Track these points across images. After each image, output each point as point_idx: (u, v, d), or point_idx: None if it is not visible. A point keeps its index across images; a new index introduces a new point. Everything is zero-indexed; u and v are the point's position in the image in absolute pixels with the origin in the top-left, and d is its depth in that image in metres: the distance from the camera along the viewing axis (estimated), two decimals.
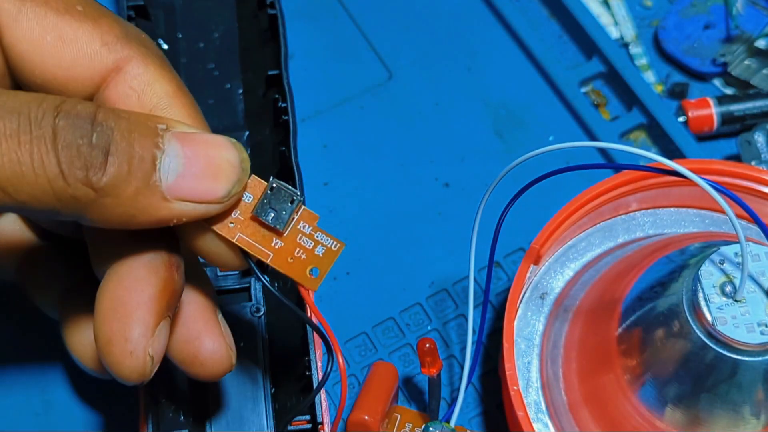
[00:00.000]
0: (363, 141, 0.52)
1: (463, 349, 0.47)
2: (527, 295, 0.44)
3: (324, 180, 0.51)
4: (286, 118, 0.48)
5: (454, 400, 0.43)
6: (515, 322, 0.43)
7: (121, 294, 0.33)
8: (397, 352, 0.48)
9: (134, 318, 0.33)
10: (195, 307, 0.37)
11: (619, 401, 0.39)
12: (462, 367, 0.46)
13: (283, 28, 0.51)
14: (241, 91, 0.52)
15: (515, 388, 0.39)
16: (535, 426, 0.40)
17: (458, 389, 0.45)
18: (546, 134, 0.52)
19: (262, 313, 0.45)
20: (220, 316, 0.38)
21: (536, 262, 0.42)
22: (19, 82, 0.34)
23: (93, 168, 0.30)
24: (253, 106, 0.51)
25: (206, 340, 0.37)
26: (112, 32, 0.34)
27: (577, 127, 0.52)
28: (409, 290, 0.49)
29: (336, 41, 0.55)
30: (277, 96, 0.49)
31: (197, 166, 0.32)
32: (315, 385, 0.42)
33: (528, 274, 0.42)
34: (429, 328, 0.48)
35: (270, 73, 0.50)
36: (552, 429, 0.41)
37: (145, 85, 0.34)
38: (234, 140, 0.33)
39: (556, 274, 0.45)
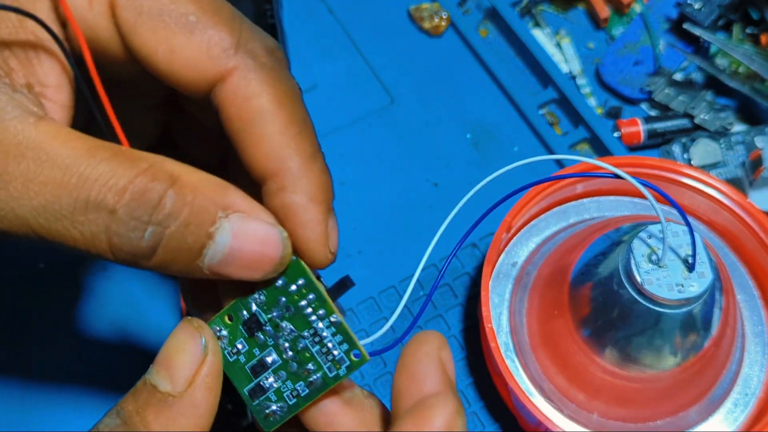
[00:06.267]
0: (371, 151, 0.52)
1: (448, 310, 0.47)
2: (500, 262, 0.44)
3: (341, 180, 0.51)
4: None
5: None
6: (490, 283, 0.43)
7: None
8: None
9: None
10: None
11: (568, 343, 0.40)
12: (449, 327, 0.46)
13: (281, 32, 0.51)
14: None
15: (489, 325, 0.40)
16: (505, 361, 0.40)
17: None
18: (512, 146, 0.53)
19: None
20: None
21: (507, 230, 0.42)
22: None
23: (140, 257, 0.27)
24: None
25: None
26: (219, 44, 0.29)
27: (536, 141, 0.53)
28: (406, 265, 0.49)
29: (350, 74, 0.55)
30: None
31: (239, 258, 0.28)
32: None
33: (501, 242, 0.42)
34: (421, 293, 0.48)
35: None
36: (518, 363, 0.42)
37: (244, 98, 0.29)
38: (284, 234, 0.29)
39: (522, 246, 0.45)
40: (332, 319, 0.30)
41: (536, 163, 0.52)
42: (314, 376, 0.30)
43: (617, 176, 0.34)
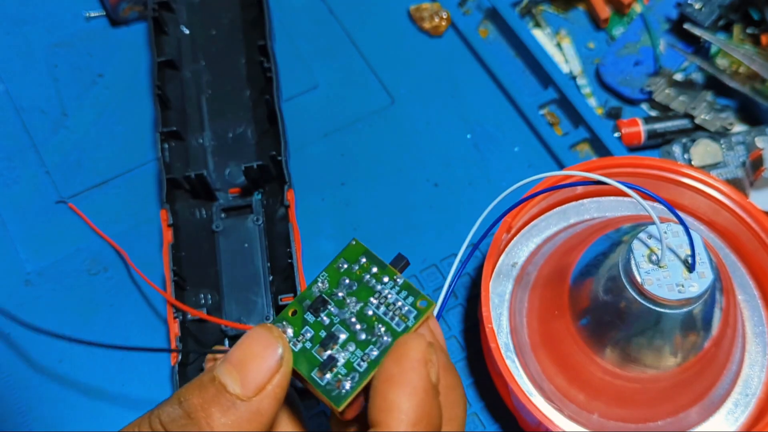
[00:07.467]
0: (371, 151, 0.53)
1: (448, 311, 0.47)
2: (501, 263, 0.44)
3: (342, 180, 0.51)
4: (270, 75, 0.50)
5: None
6: (490, 284, 0.43)
7: None
8: None
9: None
10: None
11: (568, 343, 0.40)
12: (449, 327, 0.46)
13: (268, 10, 0.52)
14: (243, 60, 0.53)
15: (489, 326, 0.40)
16: (505, 362, 0.40)
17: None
18: (512, 146, 0.53)
19: (261, 222, 0.48)
20: None
21: (507, 231, 0.42)
22: None
23: None
24: (252, 71, 0.52)
25: None
26: None
27: (537, 141, 0.53)
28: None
29: (351, 74, 0.55)
30: (262, 59, 0.51)
31: None
32: (296, 270, 0.45)
33: (501, 243, 0.42)
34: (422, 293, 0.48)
35: (259, 44, 0.51)
36: (518, 363, 0.42)
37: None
38: None
39: (522, 246, 0.45)
40: (397, 279, 0.32)
41: (536, 164, 0.52)
42: (384, 338, 0.31)
43: (600, 182, 0.34)
